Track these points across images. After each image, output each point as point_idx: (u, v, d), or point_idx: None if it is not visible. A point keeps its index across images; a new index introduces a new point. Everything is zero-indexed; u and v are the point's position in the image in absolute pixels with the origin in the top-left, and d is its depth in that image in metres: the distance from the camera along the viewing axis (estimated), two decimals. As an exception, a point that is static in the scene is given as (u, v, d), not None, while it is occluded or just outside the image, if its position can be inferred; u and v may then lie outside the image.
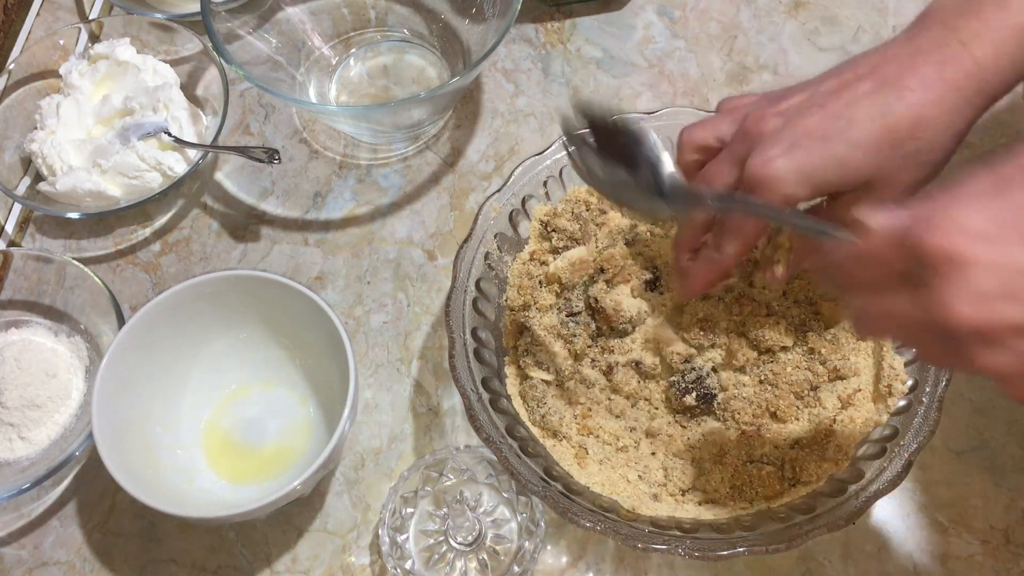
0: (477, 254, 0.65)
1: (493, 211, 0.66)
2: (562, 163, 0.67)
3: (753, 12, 0.86)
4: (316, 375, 0.67)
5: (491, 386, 0.61)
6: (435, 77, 0.83)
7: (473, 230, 0.65)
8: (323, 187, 0.80)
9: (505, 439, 0.58)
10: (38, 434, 0.68)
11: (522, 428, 0.61)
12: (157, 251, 0.78)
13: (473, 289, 0.64)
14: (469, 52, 0.81)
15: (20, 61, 0.81)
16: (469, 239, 0.65)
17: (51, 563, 0.66)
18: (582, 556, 0.64)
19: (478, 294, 0.64)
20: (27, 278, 0.74)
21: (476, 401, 0.59)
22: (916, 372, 0.60)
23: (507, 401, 0.62)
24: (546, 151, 0.67)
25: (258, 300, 0.65)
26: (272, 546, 0.65)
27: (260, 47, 0.79)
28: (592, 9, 0.87)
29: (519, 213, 0.67)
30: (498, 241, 0.66)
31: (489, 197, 0.66)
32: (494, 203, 0.66)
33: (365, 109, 0.81)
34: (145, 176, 0.76)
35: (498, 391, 0.62)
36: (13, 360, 0.69)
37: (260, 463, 0.66)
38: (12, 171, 0.79)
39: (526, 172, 0.67)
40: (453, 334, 0.61)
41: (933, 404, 0.57)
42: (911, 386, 0.59)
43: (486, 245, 0.65)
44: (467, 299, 0.63)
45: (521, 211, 0.67)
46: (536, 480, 0.57)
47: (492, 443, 0.57)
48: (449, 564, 0.62)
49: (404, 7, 0.85)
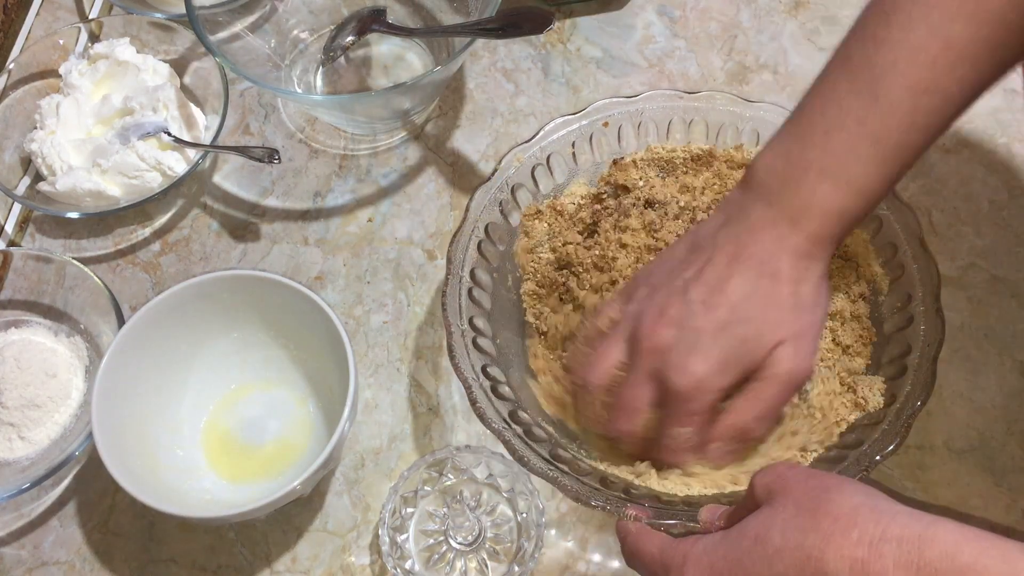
0: (471, 243, 0.65)
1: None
2: (549, 151, 0.69)
3: (753, 12, 0.86)
4: (316, 375, 0.67)
5: (491, 373, 0.61)
6: (420, 68, 0.84)
7: (465, 219, 0.66)
8: (323, 187, 0.80)
9: (509, 426, 0.58)
10: (38, 434, 0.68)
11: (524, 412, 0.61)
12: (157, 251, 0.78)
13: (468, 279, 0.64)
14: (453, 43, 0.81)
15: (20, 61, 0.81)
16: (461, 229, 0.65)
17: (51, 563, 0.66)
18: (582, 556, 0.64)
19: (473, 283, 0.64)
20: (27, 278, 0.74)
21: (478, 389, 0.59)
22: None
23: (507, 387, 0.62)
24: (534, 138, 0.68)
25: (258, 300, 0.65)
26: (272, 546, 0.65)
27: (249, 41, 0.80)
28: (592, 9, 0.87)
29: (509, 203, 0.68)
30: (490, 230, 0.66)
31: (478, 187, 0.67)
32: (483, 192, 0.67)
33: (351, 99, 0.81)
34: (145, 176, 0.76)
35: (497, 378, 0.62)
36: (13, 360, 0.69)
37: (260, 463, 0.66)
38: (12, 171, 0.79)
39: (512, 160, 0.68)
40: (450, 324, 0.61)
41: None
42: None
43: (478, 235, 0.66)
44: (462, 289, 0.63)
45: (512, 201, 0.68)
46: (543, 464, 0.57)
47: (495, 429, 0.57)
48: (449, 564, 0.62)
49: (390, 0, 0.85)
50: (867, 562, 0.39)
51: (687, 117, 0.70)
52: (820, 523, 0.41)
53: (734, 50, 0.84)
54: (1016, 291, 0.71)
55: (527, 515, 0.62)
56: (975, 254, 0.73)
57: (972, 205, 0.75)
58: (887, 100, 0.52)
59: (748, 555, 0.44)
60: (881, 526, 0.40)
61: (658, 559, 0.49)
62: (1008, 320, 0.70)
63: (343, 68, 0.84)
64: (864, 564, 0.39)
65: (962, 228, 0.74)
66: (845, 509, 0.41)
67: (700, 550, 0.47)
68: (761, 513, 0.45)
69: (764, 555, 0.43)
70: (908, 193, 0.76)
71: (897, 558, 0.39)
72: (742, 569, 0.44)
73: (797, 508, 0.43)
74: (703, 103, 0.70)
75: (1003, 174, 0.76)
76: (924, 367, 0.59)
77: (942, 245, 0.73)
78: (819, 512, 0.42)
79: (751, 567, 0.43)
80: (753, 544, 0.44)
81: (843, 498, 0.42)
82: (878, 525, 0.40)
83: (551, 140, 0.69)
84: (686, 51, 0.84)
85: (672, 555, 0.48)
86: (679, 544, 0.48)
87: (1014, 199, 0.75)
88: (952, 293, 0.71)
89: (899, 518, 0.41)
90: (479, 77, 0.84)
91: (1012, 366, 0.68)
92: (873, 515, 0.41)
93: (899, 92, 0.52)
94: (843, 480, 0.44)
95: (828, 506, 0.42)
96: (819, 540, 0.41)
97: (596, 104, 0.69)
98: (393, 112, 0.79)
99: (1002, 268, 0.72)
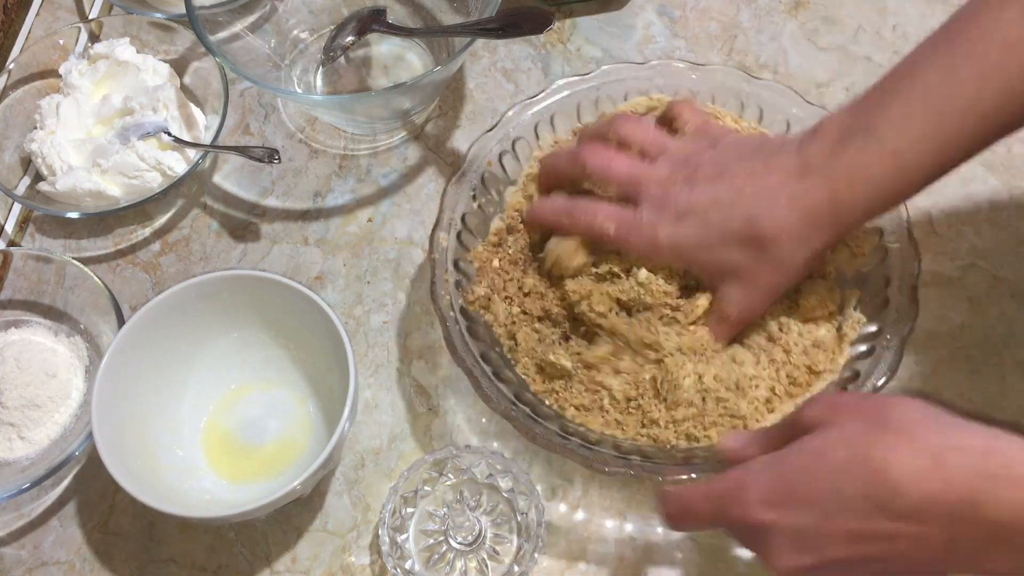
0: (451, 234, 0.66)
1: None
2: (513, 136, 0.70)
3: (753, 12, 0.86)
4: (316, 375, 0.67)
5: (490, 358, 0.62)
6: (420, 68, 0.84)
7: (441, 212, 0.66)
8: (323, 187, 0.80)
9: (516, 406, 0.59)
10: (38, 434, 0.68)
11: (529, 393, 0.62)
12: (157, 251, 0.78)
13: (453, 271, 0.65)
14: (453, 43, 0.81)
15: (20, 61, 0.81)
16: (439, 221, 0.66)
17: (51, 563, 0.66)
18: (582, 556, 0.64)
19: (459, 275, 0.65)
20: (27, 278, 0.74)
21: (481, 375, 0.60)
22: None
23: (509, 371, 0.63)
24: (496, 125, 0.69)
25: (258, 300, 0.65)
26: (272, 546, 0.65)
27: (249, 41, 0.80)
28: (592, 9, 0.87)
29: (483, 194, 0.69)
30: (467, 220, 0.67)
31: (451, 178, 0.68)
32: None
33: (351, 99, 0.81)
34: (145, 176, 0.76)
35: (497, 362, 0.63)
36: (13, 360, 0.69)
37: (260, 463, 0.66)
38: (12, 171, 0.79)
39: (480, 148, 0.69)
40: (444, 317, 0.62)
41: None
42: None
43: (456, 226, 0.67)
44: (449, 280, 0.64)
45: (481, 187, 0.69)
46: (554, 438, 0.58)
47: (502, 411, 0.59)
48: (449, 564, 0.62)
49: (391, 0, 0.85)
50: (929, 469, 0.41)
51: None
52: (884, 436, 0.43)
53: (734, 50, 0.84)
54: (1016, 291, 0.71)
55: (527, 515, 0.62)
56: (975, 254, 0.73)
57: (972, 205, 0.75)
58: (956, 80, 0.52)
59: (810, 470, 0.45)
60: (944, 436, 0.42)
61: (713, 500, 0.49)
62: (1008, 320, 0.70)
63: (343, 68, 0.84)
64: (926, 471, 0.41)
65: (962, 228, 0.74)
66: (907, 423, 0.43)
67: (755, 474, 0.47)
68: (819, 433, 0.46)
69: (828, 469, 0.44)
70: (908, 193, 0.76)
71: (961, 466, 0.41)
72: (805, 484, 0.45)
73: (860, 424, 0.44)
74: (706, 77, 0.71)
75: (1003, 174, 0.76)
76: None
77: (942, 245, 0.73)
78: (882, 426, 0.43)
79: (814, 481, 0.44)
80: (813, 459, 0.45)
81: (905, 413, 0.44)
82: (941, 435, 0.42)
83: (515, 125, 0.70)
84: (686, 51, 0.84)
85: (724, 490, 0.48)
86: (726, 479, 0.48)
87: (1014, 199, 0.75)
88: (952, 293, 0.71)
89: (962, 430, 0.43)
90: (479, 77, 0.84)
91: (1012, 366, 0.68)
92: (936, 426, 0.43)
93: (969, 74, 0.52)
94: (902, 397, 0.46)
95: (891, 421, 0.43)
96: (884, 451, 0.42)
97: (555, 84, 0.71)
98: (393, 112, 0.79)
99: (1002, 268, 0.72)
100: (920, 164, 0.54)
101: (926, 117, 0.53)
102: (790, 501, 0.45)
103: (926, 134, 0.53)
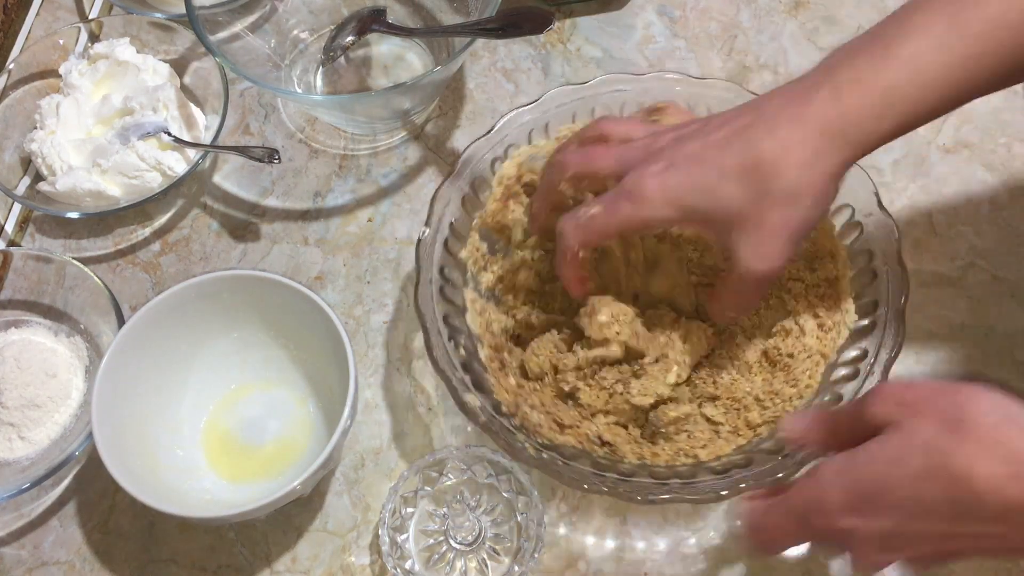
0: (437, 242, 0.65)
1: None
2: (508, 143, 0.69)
3: (753, 12, 0.86)
4: (316, 375, 0.67)
5: (472, 368, 0.62)
6: (420, 68, 0.84)
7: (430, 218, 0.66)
8: (323, 187, 0.80)
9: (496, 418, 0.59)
10: (38, 434, 0.68)
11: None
12: (157, 251, 0.78)
13: (438, 277, 0.64)
14: (453, 43, 0.81)
15: (20, 61, 0.81)
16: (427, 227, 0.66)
17: (51, 563, 0.66)
18: (582, 556, 0.64)
19: (443, 282, 0.64)
20: (27, 278, 0.74)
21: (458, 383, 0.59)
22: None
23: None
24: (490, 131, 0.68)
25: (258, 300, 0.65)
26: (272, 546, 0.65)
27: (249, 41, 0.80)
28: (592, 9, 0.87)
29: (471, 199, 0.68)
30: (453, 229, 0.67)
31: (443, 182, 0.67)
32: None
33: (351, 99, 0.81)
34: (145, 176, 0.76)
35: (478, 371, 0.62)
36: (13, 360, 0.69)
37: (260, 463, 0.66)
38: (12, 171, 0.79)
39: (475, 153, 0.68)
40: (426, 323, 0.61)
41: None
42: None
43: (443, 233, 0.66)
44: (433, 289, 0.63)
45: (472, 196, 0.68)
46: (534, 452, 0.57)
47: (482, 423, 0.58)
48: (449, 564, 0.62)
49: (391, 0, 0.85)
50: (1012, 478, 0.40)
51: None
52: (964, 443, 0.42)
53: (734, 50, 0.84)
54: (1016, 291, 0.71)
55: (527, 515, 0.62)
56: (975, 254, 0.73)
57: (972, 205, 0.75)
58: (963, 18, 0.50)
59: (889, 478, 0.44)
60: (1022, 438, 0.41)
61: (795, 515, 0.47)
62: (1008, 320, 0.70)
63: (343, 68, 0.84)
64: (1010, 480, 0.41)
65: (962, 228, 0.74)
66: (986, 427, 0.42)
67: (831, 483, 0.46)
68: (892, 436, 0.45)
69: (907, 476, 0.43)
70: (908, 193, 0.76)
71: None
72: (885, 493, 0.44)
73: (935, 426, 0.43)
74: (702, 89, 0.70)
75: (1003, 174, 0.76)
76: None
77: (942, 245, 0.73)
78: (960, 431, 0.42)
79: (895, 489, 0.43)
80: (891, 467, 0.44)
81: (982, 415, 0.43)
82: (1020, 437, 0.41)
83: (510, 131, 0.69)
84: (686, 51, 0.84)
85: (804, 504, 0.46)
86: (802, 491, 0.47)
87: (1014, 199, 0.75)
88: (952, 293, 0.71)
89: None
90: (479, 77, 0.84)
91: (1012, 366, 0.68)
92: (1016, 430, 0.42)
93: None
94: (975, 392, 0.44)
95: (967, 422, 0.42)
96: (965, 460, 0.42)
97: (550, 93, 0.70)
98: (393, 112, 0.79)
99: (1002, 268, 0.72)
100: (939, 74, 0.50)
101: (949, 24, 0.49)
102: (872, 509, 0.44)
103: (946, 43, 0.49)
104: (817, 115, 0.51)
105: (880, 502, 0.44)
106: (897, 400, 0.45)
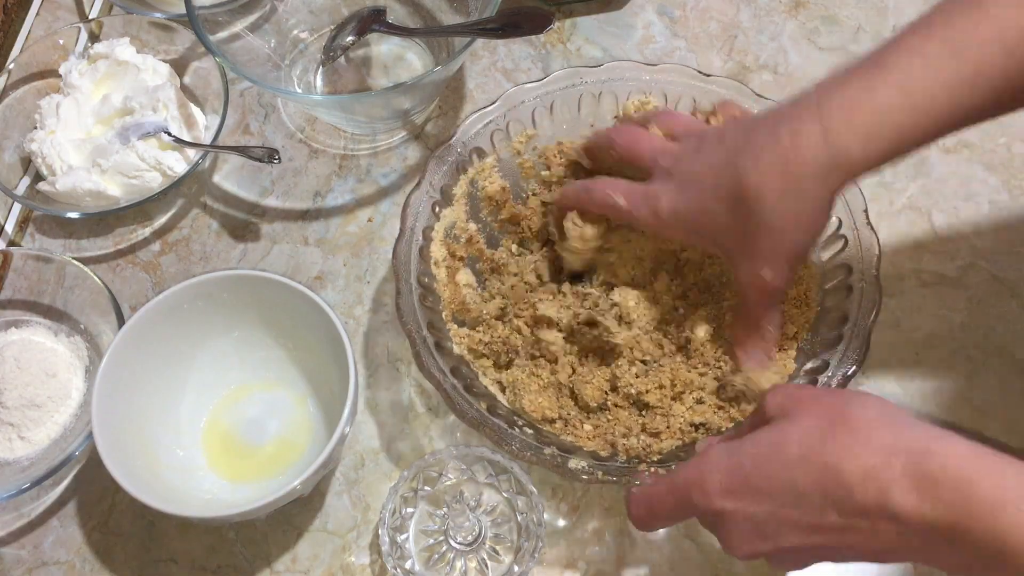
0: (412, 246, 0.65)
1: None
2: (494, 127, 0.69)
3: (753, 12, 0.86)
4: (316, 375, 0.67)
5: (461, 373, 0.62)
6: (420, 68, 0.84)
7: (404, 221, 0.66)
8: (323, 186, 0.80)
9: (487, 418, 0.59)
10: (38, 434, 0.68)
11: (502, 406, 0.62)
12: (157, 251, 0.78)
13: (417, 285, 0.64)
14: (453, 43, 0.81)
15: (20, 61, 0.81)
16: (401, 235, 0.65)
17: (51, 563, 0.66)
18: (582, 556, 0.64)
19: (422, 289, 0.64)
20: (27, 278, 0.74)
21: (451, 388, 0.60)
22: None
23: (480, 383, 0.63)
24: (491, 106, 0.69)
25: (258, 300, 0.65)
26: (272, 546, 0.65)
27: (249, 41, 0.80)
28: (592, 9, 0.87)
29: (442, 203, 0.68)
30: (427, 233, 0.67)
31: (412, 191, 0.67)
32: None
33: (351, 99, 0.81)
34: (145, 176, 0.76)
35: (468, 376, 0.62)
36: (13, 360, 0.69)
37: (260, 463, 0.66)
38: (12, 171, 0.79)
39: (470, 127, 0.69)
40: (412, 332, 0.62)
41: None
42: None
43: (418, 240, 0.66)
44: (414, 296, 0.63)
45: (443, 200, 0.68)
46: (531, 448, 0.58)
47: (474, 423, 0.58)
48: (449, 564, 0.62)
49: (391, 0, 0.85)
50: (879, 469, 0.42)
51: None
52: (838, 434, 0.44)
53: (734, 50, 0.84)
54: (1016, 291, 0.71)
55: (527, 515, 0.62)
56: (975, 254, 0.73)
57: (972, 205, 0.75)
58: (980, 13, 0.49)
59: (766, 460, 0.46)
60: (894, 437, 0.43)
61: (676, 492, 0.49)
62: (1008, 320, 0.70)
63: (343, 68, 0.84)
64: (876, 471, 0.42)
65: (962, 228, 0.74)
66: (862, 421, 0.44)
67: (715, 463, 0.47)
68: (777, 425, 0.47)
69: (782, 461, 0.45)
70: (908, 193, 0.76)
71: (905, 467, 0.41)
72: (761, 475, 0.45)
73: (816, 420, 0.45)
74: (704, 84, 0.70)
75: (1003, 174, 0.76)
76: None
77: (942, 245, 0.73)
78: (838, 424, 0.44)
79: (769, 471, 0.45)
80: (770, 450, 0.46)
81: (861, 411, 0.44)
82: (892, 436, 0.43)
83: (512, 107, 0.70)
84: (686, 51, 0.84)
85: (685, 481, 0.48)
86: (687, 468, 0.49)
87: (1014, 199, 0.75)
88: (952, 293, 0.71)
89: (912, 430, 0.43)
90: (479, 77, 0.84)
91: (1012, 366, 0.68)
92: (889, 427, 0.43)
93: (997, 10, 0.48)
94: (860, 394, 0.47)
95: (846, 418, 0.44)
96: (837, 449, 0.43)
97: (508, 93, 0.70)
98: (393, 112, 0.79)
99: (1002, 268, 0.72)
100: (931, 97, 0.48)
101: (942, 46, 0.48)
102: (747, 491, 0.46)
103: (938, 65, 0.48)
104: (799, 147, 0.50)
105: (755, 486, 0.45)
106: (789, 396, 0.48)
